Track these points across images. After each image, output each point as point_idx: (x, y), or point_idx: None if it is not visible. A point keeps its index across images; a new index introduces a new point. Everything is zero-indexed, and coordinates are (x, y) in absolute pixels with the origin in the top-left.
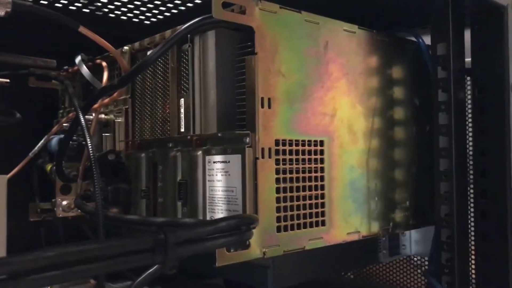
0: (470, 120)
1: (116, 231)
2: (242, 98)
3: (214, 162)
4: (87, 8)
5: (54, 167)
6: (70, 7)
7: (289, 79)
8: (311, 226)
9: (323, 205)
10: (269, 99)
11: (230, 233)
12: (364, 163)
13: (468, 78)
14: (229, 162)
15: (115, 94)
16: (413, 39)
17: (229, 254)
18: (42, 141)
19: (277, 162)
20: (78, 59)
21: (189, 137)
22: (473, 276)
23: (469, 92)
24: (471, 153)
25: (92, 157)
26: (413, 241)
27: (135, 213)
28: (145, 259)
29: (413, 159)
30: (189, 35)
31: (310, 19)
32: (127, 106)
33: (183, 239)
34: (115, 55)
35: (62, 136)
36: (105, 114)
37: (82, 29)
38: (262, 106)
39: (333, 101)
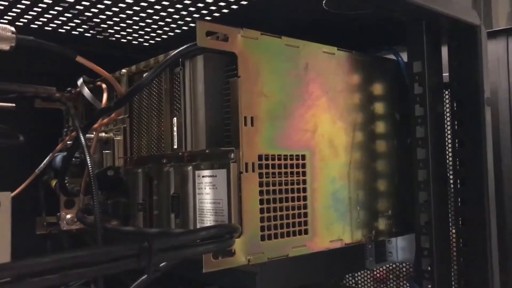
0: (449, 131)
1: (115, 242)
2: (229, 117)
3: (203, 176)
4: (89, 32)
5: (58, 183)
6: (73, 32)
7: (271, 99)
8: (294, 234)
9: (305, 214)
10: (251, 117)
11: (211, 241)
12: (345, 175)
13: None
14: (216, 176)
15: (113, 115)
16: (393, 57)
17: (215, 261)
18: (47, 158)
19: (260, 175)
20: (80, 81)
21: (180, 153)
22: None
23: (448, 105)
24: (451, 163)
25: (91, 173)
26: (400, 248)
27: (133, 225)
28: (131, 263)
29: (395, 170)
30: (180, 59)
31: (290, 43)
32: (125, 125)
33: (166, 246)
34: (111, 80)
35: (65, 153)
36: (105, 133)
37: (79, 59)
38: (245, 124)
39: (314, 118)
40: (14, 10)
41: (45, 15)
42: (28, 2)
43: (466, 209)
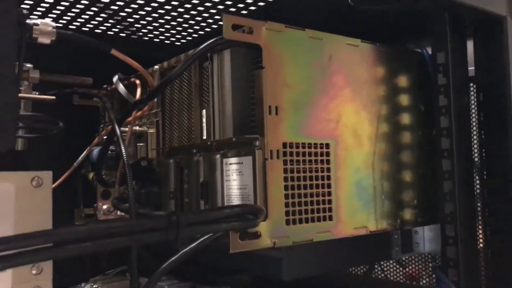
0: (475, 124)
1: None
2: (254, 107)
3: (230, 164)
4: (123, 32)
5: (95, 174)
6: (108, 32)
7: (295, 89)
8: (319, 220)
9: (330, 201)
10: (276, 107)
11: (236, 220)
12: (369, 165)
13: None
14: (242, 163)
15: (146, 108)
16: (418, 49)
17: (241, 242)
18: (84, 152)
19: (285, 162)
20: (115, 78)
21: (209, 143)
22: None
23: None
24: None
25: (125, 162)
26: (427, 239)
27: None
28: (161, 236)
29: (420, 161)
30: (208, 54)
31: (313, 35)
32: (158, 118)
33: (193, 220)
34: (143, 73)
35: (101, 147)
36: (139, 126)
37: (114, 52)
38: (270, 113)
39: (337, 108)
40: (54, 11)
41: (82, 16)
42: (66, 3)
43: (493, 200)
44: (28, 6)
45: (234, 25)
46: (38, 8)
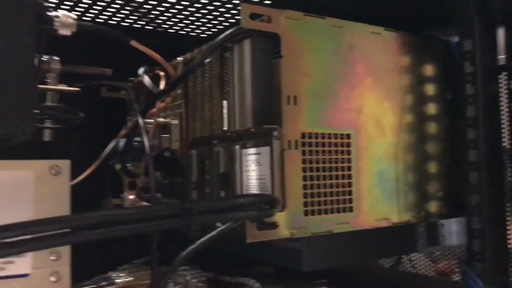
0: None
1: None
2: (274, 98)
3: (248, 154)
4: (149, 25)
5: (121, 165)
6: (134, 25)
7: (314, 78)
8: (338, 211)
9: (350, 193)
10: (294, 96)
11: (251, 209)
12: (392, 156)
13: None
14: (260, 153)
15: (169, 100)
16: (445, 37)
17: (258, 232)
18: (111, 144)
19: (303, 153)
20: (141, 70)
21: (229, 133)
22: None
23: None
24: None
25: (148, 153)
26: (454, 232)
27: None
28: (174, 223)
29: (446, 152)
30: (229, 44)
31: (334, 23)
32: (181, 110)
33: (205, 208)
34: (164, 64)
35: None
36: (164, 118)
37: (133, 43)
38: (288, 103)
39: (359, 98)
40: (81, 5)
41: (108, 9)
42: None
43: None
44: (56, 1)
45: (252, 14)
46: (65, 2)
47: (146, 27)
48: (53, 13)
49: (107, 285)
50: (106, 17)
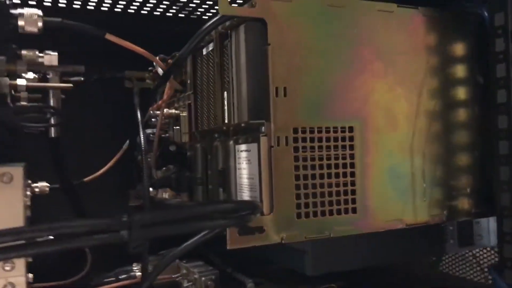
0: None
1: None
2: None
3: (240, 151)
4: (181, 13)
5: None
6: (167, 14)
7: (310, 67)
8: (339, 213)
9: (353, 192)
10: (284, 88)
11: (221, 217)
12: (407, 148)
13: None
14: (250, 150)
15: (169, 92)
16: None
17: (240, 237)
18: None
19: (296, 149)
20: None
21: (225, 127)
22: None
23: None
24: None
25: (142, 149)
26: (492, 231)
27: (195, 199)
28: (110, 238)
29: (475, 142)
30: (229, 31)
31: (333, 3)
32: (190, 101)
33: (149, 222)
34: (148, 56)
35: (147, 130)
36: (176, 109)
37: (108, 36)
38: (277, 95)
39: (365, 85)
40: None
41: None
42: None
43: None
44: None
45: None
46: None
47: (179, 14)
48: (18, 11)
49: (127, 278)
50: (137, 6)
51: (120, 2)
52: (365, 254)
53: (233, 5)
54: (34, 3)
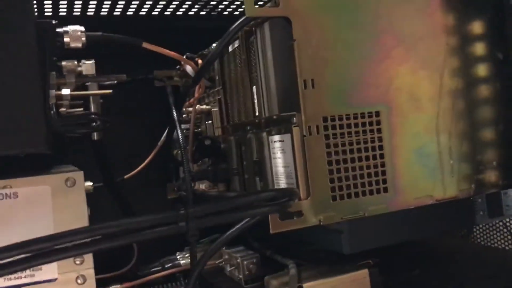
0: None
1: None
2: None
3: (274, 141)
4: (226, 11)
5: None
6: (201, 13)
7: (335, 57)
8: (371, 193)
9: (384, 173)
10: (312, 80)
11: (263, 204)
12: (433, 128)
13: None
14: (283, 141)
15: (201, 90)
16: None
17: (281, 222)
18: (166, 131)
19: (326, 137)
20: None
21: (257, 120)
22: None
23: None
24: None
25: (181, 145)
26: None
27: (232, 189)
28: (171, 230)
29: (500, 117)
30: (253, 28)
31: None
32: (219, 97)
33: (202, 213)
34: (181, 60)
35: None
36: (207, 105)
37: (145, 45)
38: (305, 87)
39: (388, 71)
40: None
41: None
42: None
43: None
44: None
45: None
46: None
47: (224, 12)
48: (63, 29)
49: (172, 267)
50: (172, 9)
51: (157, 6)
52: (398, 230)
53: (257, 6)
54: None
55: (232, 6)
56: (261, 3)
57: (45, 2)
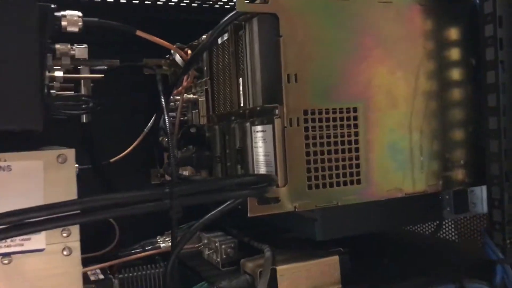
0: None
1: None
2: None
3: (257, 131)
4: (217, 4)
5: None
6: (215, 6)
7: (318, 54)
8: (345, 184)
9: (358, 165)
10: (295, 74)
11: (244, 188)
12: (406, 126)
13: None
14: (265, 131)
15: (189, 80)
16: None
17: (259, 206)
18: (153, 118)
19: (306, 129)
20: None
21: (241, 111)
22: None
23: None
24: None
25: (169, 132)
26: (485, 199)
27: (214, 175)
28: (156, 206)
29: (468, 119)
30: (243, 22)
31: None
32: (207, 87)
33: (187, 192)
34: (173, 49)
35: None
36: (194, 94)
37: (139, 33)
38: (289, 82)
39: (367, 70)
40: None
41: None
42: None
43: None
44: None
45: None
46: None
47: (225, 6)
48: (60, 13)
49: (152, 249)
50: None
51: None
52: (369, 220)
53: (247, 1)
54: None
55: (223, 0)
56: None
57: None
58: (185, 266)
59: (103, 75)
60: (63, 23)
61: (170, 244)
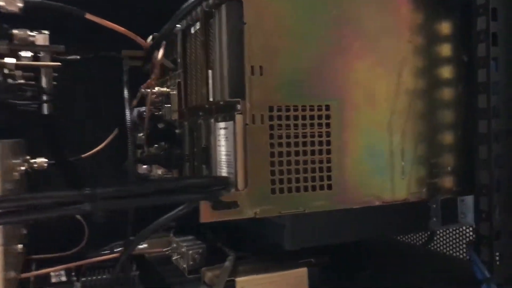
0: None
1: None
2: None
3: (220, 128)
4: None
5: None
6: None
7: (288, 47)
8: (314, 189)
9: (329, 169)
10: (260, 67)
11: (193, 191)
12: (385, 126)
13: None
14: (227, 128)
15: (157, 72)
16: None
17: (213, 211)
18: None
19: (271, 127)
20: (149, 39)
21: (207, 105)
22: None
23: None
24: None
25: (128, 127)
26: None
27: (184, 175)
28: (73, 210)
29: (458, 121)
30: (213, 10)
31: None
32: (179, 80)
33: (110, 195)
34: (128, 34)
35: (140, 108)
36: (167, 88)
37: (88, 16)
38: (253, 74)
39: (344, 64)
40: None
41: None
42: None
43: None
44: None
45: None
46: None
47: None
48: None
49: (120, 251)
50: None
51: None
52: (344, 229)
53: None
54: None
55: None
56: None
57: None
58: (153, 271)
59: (60, 64)
60: (1, 3)
61: (140, 246)
